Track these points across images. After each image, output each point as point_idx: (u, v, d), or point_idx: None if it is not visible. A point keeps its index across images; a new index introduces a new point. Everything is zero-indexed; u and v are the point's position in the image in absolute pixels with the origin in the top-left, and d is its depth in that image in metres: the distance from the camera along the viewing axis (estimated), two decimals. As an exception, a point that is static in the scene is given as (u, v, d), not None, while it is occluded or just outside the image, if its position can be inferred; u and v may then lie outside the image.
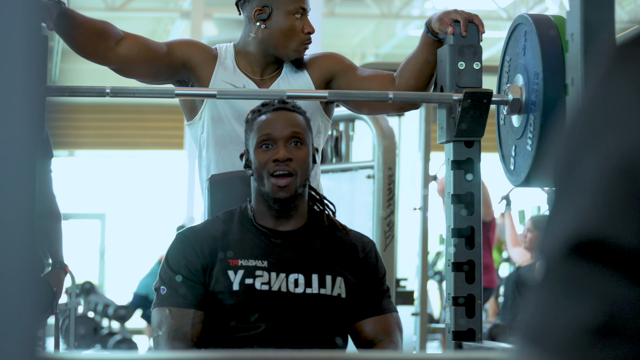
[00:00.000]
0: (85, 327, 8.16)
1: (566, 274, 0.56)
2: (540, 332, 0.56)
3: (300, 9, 2.63)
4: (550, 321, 0.55)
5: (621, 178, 0.55)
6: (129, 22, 12.32)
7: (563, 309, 0.55)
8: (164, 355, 2.08)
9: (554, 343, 0.55)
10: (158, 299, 2.17)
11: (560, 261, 0.56)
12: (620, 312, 0.54)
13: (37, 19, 0.65)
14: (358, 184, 4.68)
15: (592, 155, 0.57)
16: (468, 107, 2.38)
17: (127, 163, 16.62)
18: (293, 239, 2.22)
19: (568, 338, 0.54)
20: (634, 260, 0.54)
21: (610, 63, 0.59)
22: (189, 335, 2.12)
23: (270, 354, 2.03)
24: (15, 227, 0.64)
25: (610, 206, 0.55)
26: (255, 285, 2.14)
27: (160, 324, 2.14)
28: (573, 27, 2.22)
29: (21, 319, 0.63)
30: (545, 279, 0.57)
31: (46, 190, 2.77)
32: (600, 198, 0.55)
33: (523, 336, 0.57)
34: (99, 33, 2.53)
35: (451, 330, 2.39)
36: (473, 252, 2.41)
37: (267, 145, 2.21)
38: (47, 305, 2.67)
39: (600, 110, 0.58)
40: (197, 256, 2.16)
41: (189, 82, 2.68)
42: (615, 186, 0.55)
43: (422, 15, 12.04)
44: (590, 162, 0.57)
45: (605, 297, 0.54)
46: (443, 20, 2.46)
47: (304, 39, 2.64)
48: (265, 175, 2.19)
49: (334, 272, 2.19)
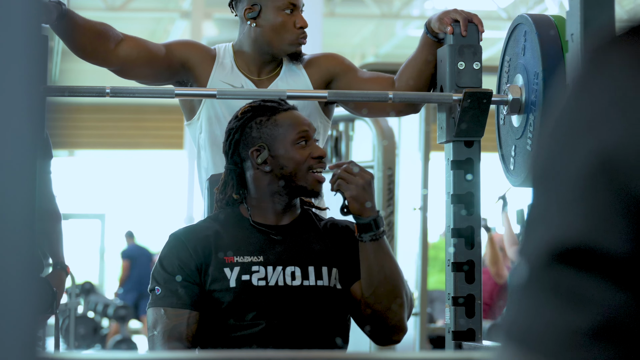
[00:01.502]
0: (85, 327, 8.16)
1: (551, 280, 0.56)
2: (525, 333, 0.56)
3: (290, 4, 2.62)
4: (536, 322, 0.56)
5: (602, 181, 0.55)
6: (129, 22, 12.33)
7: (549, 312, 0.55)
8: (164, 355, 2.08)
9: (539, 343, 0.55)
10: (153, 299, 2.17)
11: (544, 267, 0.56)
12: (608, 316, 0.54)
13: (37, 19, 0.65)
14: (358, 184, 4.68)
15: (572, 157, 0.57)
16: (468, 107, 2.38)
17: (127, 163, 16.62)
18: (289, 232, 2.23)
19: (555, 339, 0.54)
20: (619, 265, 0.54)
21: (588, 65, 0.59)
22: (185, 335, 2.12)
23: (270, 354, 2.03)
24: (16, 227, 0.64)
25: (593, 212, 0.55)
26: (252, 281, 2.14)
27: (155, 324, 2.14)
28: (573, 27, 2.23)
29: (21, 319, 0.63)
30: (530, 283, 0.57)
31: (46, 191, 2.77)
32: (582, 203, 0.55)
33: (507, 336, 0.57)
34: (99, 35, 2.53)
35: (451, 330, 2.39)
36: (473, 252, 2.41)
37: (304, 141, 2.23)
38: (47, 305, 2.67)
39: (579, 113, 0.58)
40: (190, 256, 2.16)
41: (188, 82, 2.69)
42: (597, 189, 0.55)
43: (422, 15, 12.05)
44: (571, 164, 0.57)
45: (592, 302, 0.54)
46: (443, 20, 2.46)
47: (298, 33, 2.63)
48: (304, 170, 2.21)
49: (329, 263, 2.20)
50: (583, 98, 0.58)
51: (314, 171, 2.22)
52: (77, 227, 14.54)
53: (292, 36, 2.63)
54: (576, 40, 2.21)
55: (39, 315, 0.64)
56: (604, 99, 0.56)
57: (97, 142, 15.80)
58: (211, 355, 2.11)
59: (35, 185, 0.65)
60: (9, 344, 0.63)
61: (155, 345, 2.13)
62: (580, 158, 0.56)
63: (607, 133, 0.55)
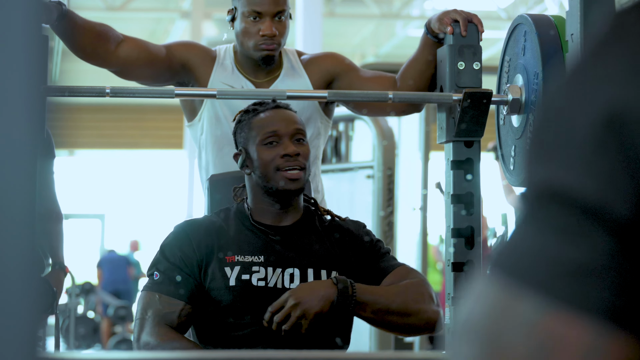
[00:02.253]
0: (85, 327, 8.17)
1: (547, 218, 0.56)
2: (514, 264, 0.56)
3: (254, 12, 2.62)
4: (531, 256, 0.56)
5: (609, 137, 0.55)
6: (129, 22, 12.33)
7: (541, 245, 0.56)
8: (164, 355, 2.09)
9: (527, 273, 0.55)
10: (149, 283, 2.18)
11: (542, 205, 0.57)
12: (599, 258, 0.54)
13: (37, 19, 0.65)
14: (358, 184, 4.69)
15: (582, 109, 0.57)
16: (468, 107, 2.38)
17: (127, 163, 16.62)
18: (290, 234, 2.23)
19: (549, 272, 0.55)
20: (622, 228, 0.54)
21: (608, 29, 0.59)
22: (175, 324, 2.13)
23: (270, 354, 2.03)
24: (16, 227, 0.64)
25: (598, 166, 0.55)
26: (252, 281, 2.15)
27: (147, 307, 2.15)
28: (573, 27, 2.23)
29: (21, 319, 0.63)
30: (525, 219, 0.57)
31: (48, 191, 2.77)
32: (588, 154, 0.56)
33: (498, 267, 0.57)
34: (99, 35, 2.53)
35: (451, 330, 2.39)
36: (473, 252, 2.41)
37: (272, 142, 2.22)
38: (47, 305, 2.67)
39: (594, 71, 0.58)
40: (193, 251, 2.17)
41: (188, 83, 2.69)
42: (602, 144, 0.55)
43: (422, 15, 12.05)
44: (580, 116, 0.57)
45: (585, 242, 0.55)
46: (442, 20, 2.46)
47: (258, 40, 2.63)
48: (272, 171, 2.20)
49: (329, 267, 2.20)
50: (599, 59, 0.58)
51: (284, 170, 2.21)
52: (77, 227, 14.54)
53: (253, 42, 2.63)
54: (576, 40, 2.21)
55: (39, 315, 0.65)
56: (620, 62, 0.57)
57: (97, 142, 15.81)
58: (211, 355, 2.11)
59: (36, 185, 0.65)
60: (9, 344, 0.63)
61: (144, 327, 2.13)
62: (590, 111, 0.56)
63: (619, 92, 0.55)
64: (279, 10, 2.62)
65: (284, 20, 2.64)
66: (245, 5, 2.63)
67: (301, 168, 2.21)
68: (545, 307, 0.54)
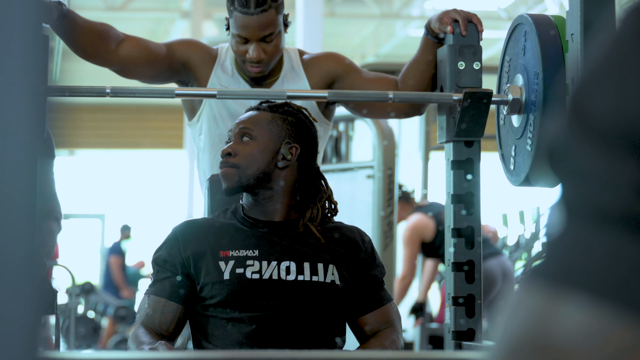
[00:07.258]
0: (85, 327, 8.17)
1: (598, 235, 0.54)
2: (580, 274, 0.54)
3: (238, 36, 2.58)
4: (596, 264, 0.54)
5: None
6: (129, 22, 12.33)
7: (614, 254, 0.54)
8: (164, 355, 2.09)
9: (600, 285, 0.53)
10: (147, 286, 2.25)
11: (587, 223, 0.55)
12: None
13: (37, 19, 0.65)
14: (358, 184, 4.69)
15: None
16: (468, 107, 2.38)
17: (127, 163, 16.62)
18: (282, 228, 2.23)
19: (619, 280, 0.53)
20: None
21: (627, 21, 0.58)
22: (157, 323, 2.17)
23: (270, 354, 2.03)
24: (16, 227, 0.64)
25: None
26: (246, 274, 2.15)
27: (139, 310, 2.21)
28: (573, 27, 2.23)
29: (21, 318, 0.63)
30: (576, 229, 0.56)
31: (48, 191, 2.77)
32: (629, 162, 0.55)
33: (554, 277, 0.55)
34: (100, 35, 2.53)
35: (451, 330, 2.39)
36: (473, 252, 2.41)
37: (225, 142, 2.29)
38: (47, 305, 2.67)
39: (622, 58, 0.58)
40: (179, 251, 2.20)
41: (188, 82, 2.69)
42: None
43: (422, 15, 12.05)
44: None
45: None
46: (442, 20, 2.46)
47: (246, 60, 2.60)
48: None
49: (325, 260, 2.20)
50: (620, 50, 0.58)
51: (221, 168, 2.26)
52: (77, 227, 14.54)
53: (242, 61, 2.62)
54: (576, 40, 2.21)
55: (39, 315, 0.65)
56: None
57: (97, 142, 15.81)
58: (211, 355, 2.12)
59: (36, 185, 0.65)
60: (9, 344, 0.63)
61: (134, 329, 2.17)
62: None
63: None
64: (265, 35, 2.59)
65: (274, 39, 2.60)
66: (233, 26, 2.59)
67: (235, 166, 2.24)
68: (617, 316, 0.52)
